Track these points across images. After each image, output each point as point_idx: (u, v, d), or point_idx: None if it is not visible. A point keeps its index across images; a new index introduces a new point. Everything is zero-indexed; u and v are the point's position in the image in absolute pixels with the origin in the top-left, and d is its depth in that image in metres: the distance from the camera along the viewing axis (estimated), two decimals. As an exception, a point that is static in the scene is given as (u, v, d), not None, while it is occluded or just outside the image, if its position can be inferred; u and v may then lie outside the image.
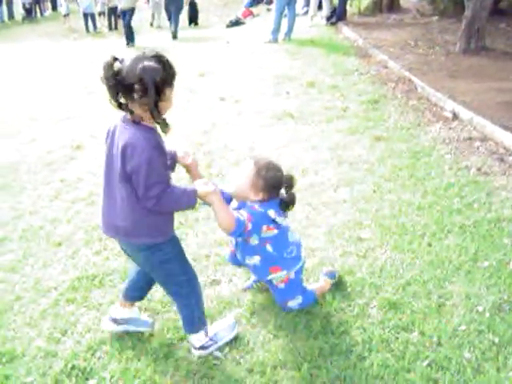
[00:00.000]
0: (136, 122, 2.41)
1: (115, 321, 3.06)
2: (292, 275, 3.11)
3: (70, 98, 8.63)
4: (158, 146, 2.44)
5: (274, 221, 2.89)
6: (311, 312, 3.12)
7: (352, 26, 12.40)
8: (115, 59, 2.31)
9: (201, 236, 4.05)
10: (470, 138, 5.57)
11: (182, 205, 2.58)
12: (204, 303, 2.93)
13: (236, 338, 2.96)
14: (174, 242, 2.77)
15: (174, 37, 14.52)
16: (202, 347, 2.89)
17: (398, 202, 4.34)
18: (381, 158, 5.18)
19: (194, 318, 2.89)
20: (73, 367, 2.84)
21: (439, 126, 5.95)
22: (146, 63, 2.27)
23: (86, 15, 21.90)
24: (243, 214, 2.80)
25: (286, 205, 2.96)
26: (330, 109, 6.69)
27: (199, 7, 20.29)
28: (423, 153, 5.26)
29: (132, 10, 14.15)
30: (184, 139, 6.01)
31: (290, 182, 3.00)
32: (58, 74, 11.26)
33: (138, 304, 3.14)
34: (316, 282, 3.34)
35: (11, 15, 27.86)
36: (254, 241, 2.94)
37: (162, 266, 2.72)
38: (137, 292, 3.07)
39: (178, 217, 4.24)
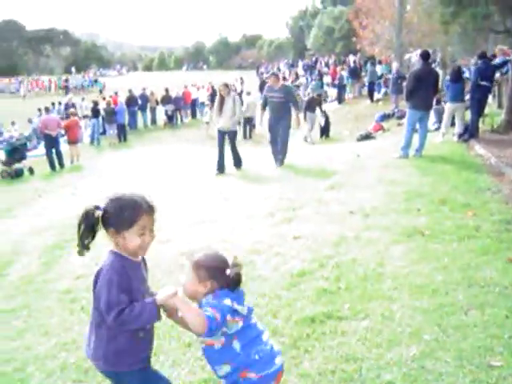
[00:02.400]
0: (113, 251, 2.71)
1: None
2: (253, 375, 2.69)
3: (206, 202, 9.28)
4: (121, 271, 2.62)
5: (235, 310, 2.61)
6: None
7: (484, 143, 12.35)
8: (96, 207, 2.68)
9: (328, 350, 4.12)
10: None
11: (144, 321, 2.58)
12: None
13: None
14: (142, 378, 2.76)
15: (281, 163, 12.11)
16: None
17: (532, 329, 4.21)
18: (514, 281, 5.05)
19: None
20: None
21: None
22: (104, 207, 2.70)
23: (224, 124, 23.44)
24: (207, 309, 2.57)
25: (233, 282, 2.69)
26: (461, 227, 6.65)
27: (331, 120, 21.17)
28: (560, 279, 5.06)
29: (234, 132, 12.55)
30: (312, 251, 6.23)
31: (233, 262, 2.74)
32: (195, 177, 12.10)
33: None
34: None
35: (154, 121, 31.12)
36: (220, 340, 2.66)
37: None
38: None
39: (303, 328, 4.36)
